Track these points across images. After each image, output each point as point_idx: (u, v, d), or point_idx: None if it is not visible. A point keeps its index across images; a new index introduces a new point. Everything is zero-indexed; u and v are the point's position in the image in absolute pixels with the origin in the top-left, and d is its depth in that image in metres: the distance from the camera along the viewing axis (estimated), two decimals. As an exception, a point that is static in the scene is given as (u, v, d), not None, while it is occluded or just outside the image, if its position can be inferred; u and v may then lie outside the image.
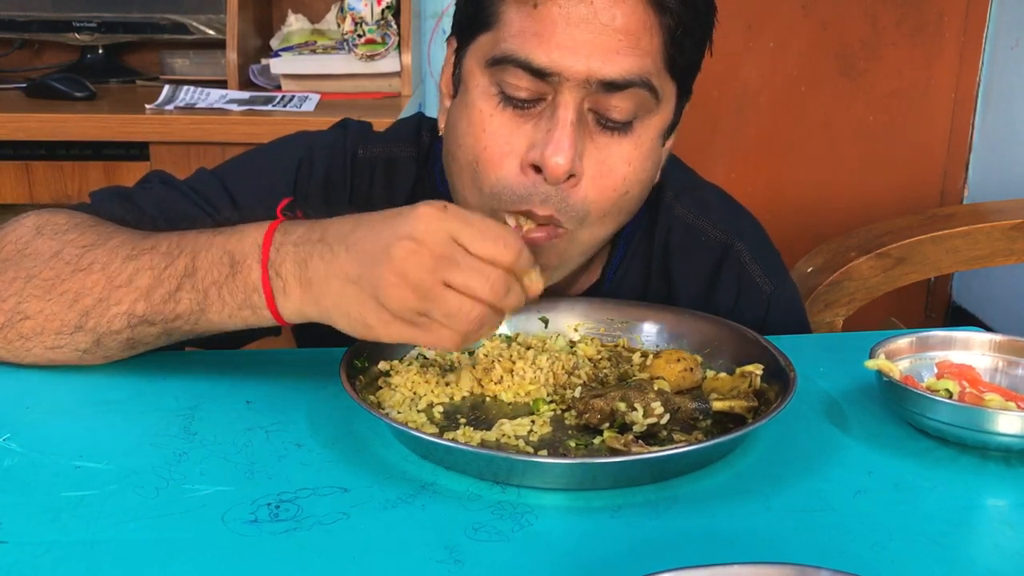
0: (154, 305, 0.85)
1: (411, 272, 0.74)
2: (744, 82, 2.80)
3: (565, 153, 0.87)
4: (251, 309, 0.83)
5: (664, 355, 0.91)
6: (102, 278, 0.86)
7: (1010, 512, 0.74)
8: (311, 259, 0.80)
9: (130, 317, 0.86)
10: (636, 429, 0.81)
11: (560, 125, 0.87)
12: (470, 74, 0.93)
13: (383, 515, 0.70)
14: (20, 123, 2.02)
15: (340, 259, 0.79)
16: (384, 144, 1.09)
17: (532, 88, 0.89)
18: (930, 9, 2.79)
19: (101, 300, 0.86)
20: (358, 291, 0.77)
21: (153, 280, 0.85)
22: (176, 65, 2.46)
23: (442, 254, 0.74)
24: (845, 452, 0.82)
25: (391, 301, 0.75)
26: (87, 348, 0.88)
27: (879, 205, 2.86)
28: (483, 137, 0.91)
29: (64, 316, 0.87)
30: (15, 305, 0.88)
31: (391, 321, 0.77)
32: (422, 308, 0.75)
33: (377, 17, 2.21)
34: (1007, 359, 0.91)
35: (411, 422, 0.82)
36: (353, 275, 0.77)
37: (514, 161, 0.90)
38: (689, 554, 0.67)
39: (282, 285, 0.81)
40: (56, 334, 0.88)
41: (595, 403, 0.81)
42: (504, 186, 0.91)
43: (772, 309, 1.10)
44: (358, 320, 0.78)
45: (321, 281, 0.79)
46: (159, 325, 0.86)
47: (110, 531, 0.68)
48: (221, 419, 0.84)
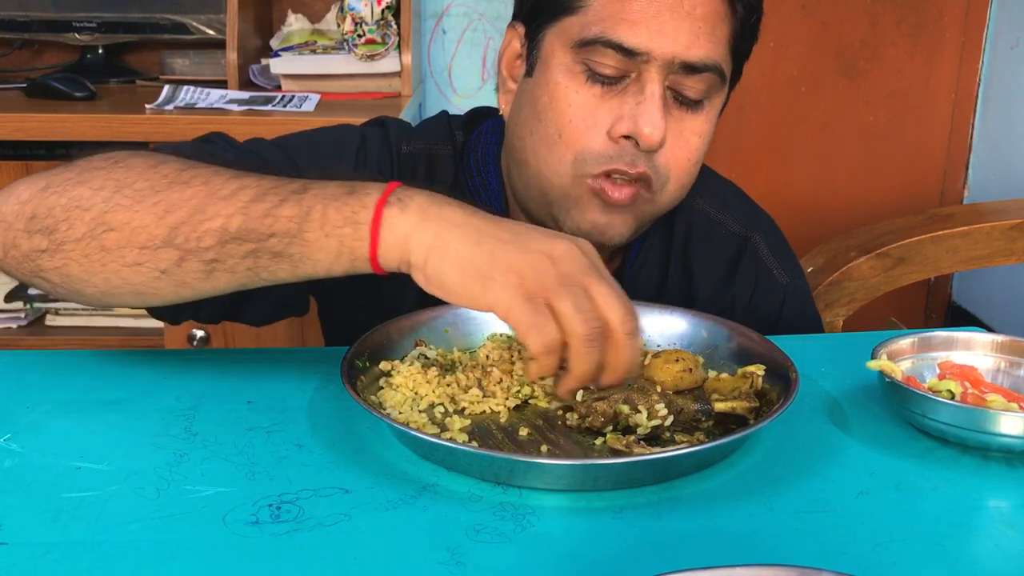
0: (252, 219, 0.79)
1: (565, 263, 0.76)
2: (744, 82, 2.79)
3: (659, 124, 0.94)
4: (352, 226, 0.78)
5: (663, 355, 0.91)
6: (202, 190, 0.81)
7: (1012, 513, 0.74)
8: (449, 205, 0.79)
9: (222, 233, 0.79)
10: (640, 431, 0.81)
11: (651, 99, 0.95)
12: (551, 54, 0.98)
13: (384, 516, 0.70)
14: (20, 123, 2.02)
15: (488, 220, 0.78)
16: (424, 141, 1.12)
17: (619, 66, 0.95)
18: (930, 9, 2.79)
19: (196, 212, 0.80)
20: (501, 248, 0.76)
21: (257, 195, 0.80)
22: (176, 65, 2.46)
23: (595, 267, 0.77)
24: (847, 453, 0.81)
25: (532, 270, 0.75)
26: (167, 268, 0.81)
27: (879, 205, 2.86)
28: (568, 111, 0.96)
29: (153, 228, 0.80)
30: (100, 215, 0.81)
31: (515, 285, 0.74)
32: (555, 292, 0.74)
33: (377, 17, 2.21)
34: (1009, 360, 0.91)
35: (412, 423, 0.82)
36: (503, 236, 0.76)
37: (601, 132, 0.96)
38: (691, 555, 0.67)
39: (400, 209, 0.78)
40: (141, 248, 0.81)
41: (597, 406, 0.81)
42: (592, 151, 0.96)
43: (787, 302, 1.14)
44: (480, 268, 0.75)
45: (454, 221, 0.77)
46: (251, 243, 0.79)
47: (111, 532, 0.68)
48: (222, 419, 0.84)
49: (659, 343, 0.98)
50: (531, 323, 0.74)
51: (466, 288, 0.76)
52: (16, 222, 0.83)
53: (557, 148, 0.97)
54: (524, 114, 1.01)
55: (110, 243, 0.81)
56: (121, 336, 2.21)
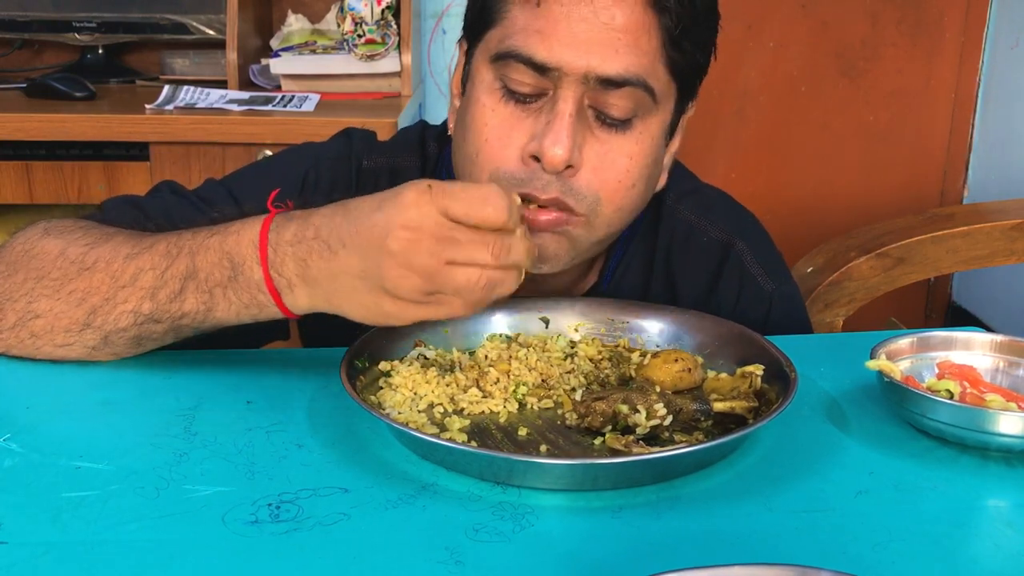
0: (160, 304, 0.87)
1: (414, 260, 0.76)
2: (744, 82, 2.80)
3: (563, 143, 0.89)
4: (259, 307, 0.85)
5: (662, 355, 0.91)
6: (106, 277, 0.88)
7: (1011, 512, 0.74)
8: (310, 258, 0.81)
9: (136, 315, 0.88)
10: (639, 431, 0.81)
11: (559, 117, 0.90)
12: (476, 70, 0.96)
13: (384, 516, 0.70)
14: (20, 123, 2.02)
15: (340, 256, 0.80)
16: (388, 154, 1.11)
17: (534, 83, 0.91)
18: (930, 9, 2.79)
19: (107, 299, 0.88)
20: (367, 284, 0.79)
21: (156, 280, 0.87)
22: (176, 65, 2.46)
23: (440, 235, 0.76)
24: (846, 453, 0.82)
25: (401, 290, 0.78)
26: (95, 345, 0.90)
27: (879, 205, 2.86)
28: (484, 130, 0.94)
29: (72, 314, 0.89)
30: (26, 305, 0.90)
31: (407, 306, 0.79)
32: (432, 289, 0.78)
33: (377, 17, 2.21)
34: (1008, 359, 0.91)
35: (411, 422, 0.82)
36: (357, 270, 0.79)
37: (514, 152, 0.93)
38: (690, 555, 0.67)
39: (286, 283, 0.83)
40: (65, 332, 0.90)
41: (596, 405, 0.81)
42: (504, 173, 0.93)
43: (773, 308, 1.11)
44: (374, 309, 0.80)
45: (326, 279, 0.81)
46: (165, 323, 0.88)
47: (110, 532, 0.68)
48: (222, 419, 0.84)
49: (658, 343, 0.98)
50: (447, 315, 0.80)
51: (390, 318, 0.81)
52: None
53: (475, 168, 0.95)
54: (457, 133, 1.00)
55: (38, 329, 0.90)
56: (121, 336, 2.20)
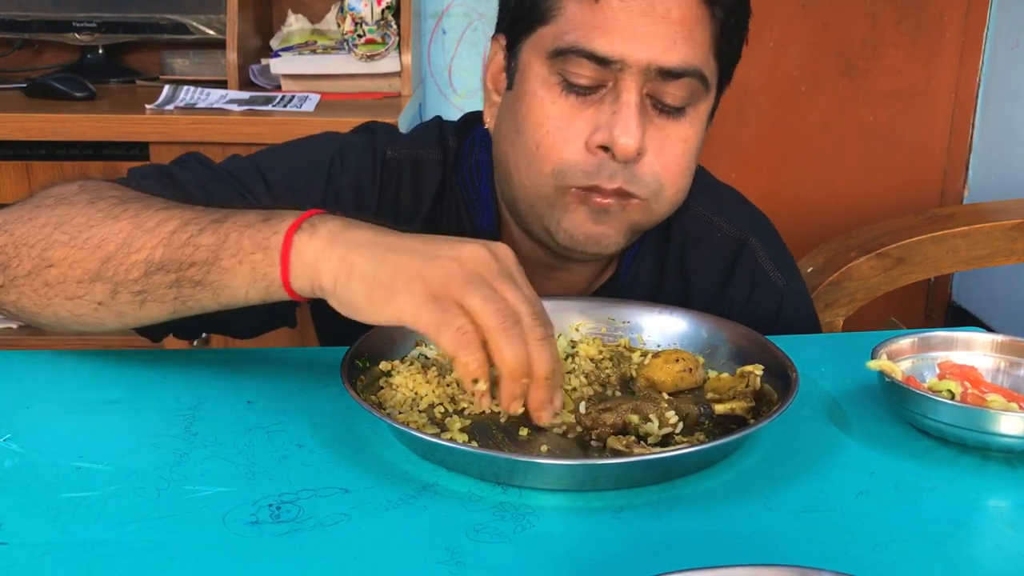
0: (173, 249, 0.82)
1: (472, 265, 0.74)
2: (744, 82, 2.80)
3: (633, 133, 0.92)
4: (263, 251, 0.79)
5: (663, 355, 0.91)
6: (130, 224, 0.83)
7: (1012, 513, 0.74)
8: (359, 227, 0.78)
9: (148, 264, 0.82)
10: (651, 440, 0.80)
11: (626, 107, 0.93)
12: (528, 65, 0.97)
13: (384, 516, 0.70)
14: (20, 123, 2.02)
15: (396, 235, 0.78)
16: (411, 146, 1.11)
17: (594, 75, 0.93)
18: (930, 9, 2.79)
19: (124, 245, 0.83)
20: (405, 259, 0.75)
21: (179, 225, 0.82)
22: (176, 65, 2.46)
23: (505, 272, 0.75)
24: (846, 453, 0.81)
25: (436, 274, 0.73)
26: (103, 300, 0.85)
27: (879, 205, 2.86)
28: (546, 122, 0.95)
29: (86, 263, 0.84)
30: (41, 251, 0.85)
31: (417, 291, 0.73)
32: (461, 291, 0.73)
33: (377, 17, 2.21)
34: (1009, 360, 0.91)
35: (412, 423, 0.82)
36: (407, 248, 0.76)
37: (578, 143, 0.95)
38: (691, 555, 0.67)
39: (310, 234, 0.78)
40: (77, 282, 0.85)
41: (605, 417, 0.80)
42: (570, 164, 0.95)
43: (785, 304, 1.13)
44: (383, 282, 0.74)
45: (360, 242, 0.77)
46: (173, 273, 0.82)
47: (110, 532, 0.68)
48: (222, 419, 0.84)
49: (659, 343, 0.98)
50: (438, 320, 0.72)
51: (371, 304, 0.75)
52: None
53: (536, 161, 0.96)
54: (506, 127, 1.01)
55: (51, 278, 0.85)
56: (121, 336, 2.19)
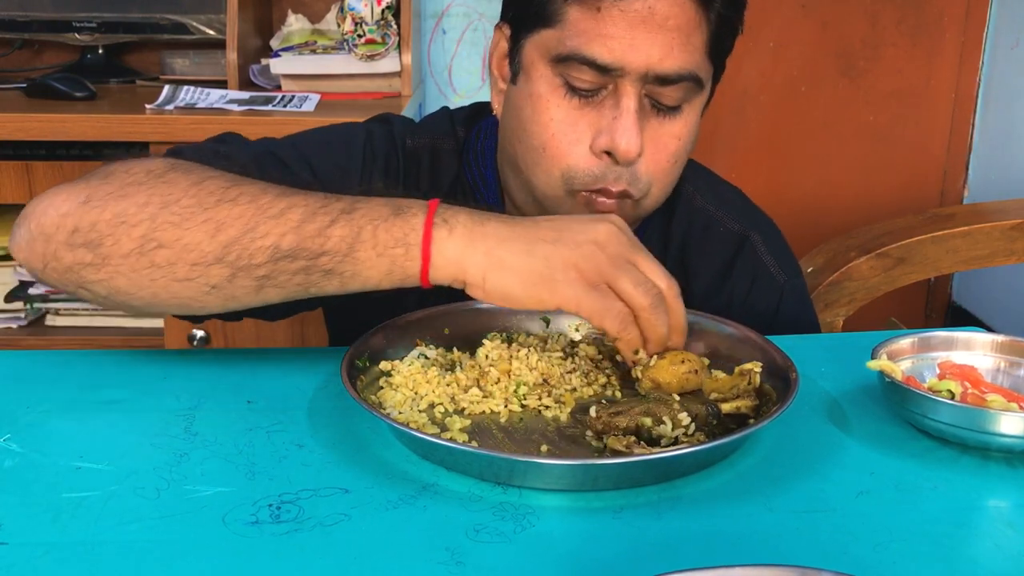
0: (304, 238, 0.82)
1: (611, 246, 0.83)
2: (744, 82, 2.80)
3: (634, 139, 0.96)
4: (404, 247, 0.82)
5: (668, 356, 0.90)
6: (251, 209, 0.83)
7: (1012, 513, 0.74)
8: (490, 220, 0.84)
9: (275, 251, 0.82)
10: (664, 442, 0.80)
11: (626, 113, 0.96)
12: (532, 65, 1.00)
13: (384, 516, 0.70)
14: (20, 123, 2.02)
15: (529, 225, 0.84)
16: (428, 135, 1.14)
17: (595, 80, 0.97)
18: (930, 9, 2.79)
19: (248, 230, 0.82)
20: (551, 249, 0.82)
21: (306, 214, 0.83)
22: (176, 65, 2.46)
23: (636, 243, 0.85)
24: (846, 453, 0.81)
25: (585, 261, 0.81)
26: (218, 284, 0.84)
27: (879, 205, 2.86)
28: (551, 125, 0.99)
29: (205, 246, 0.82)
30: (148, 231, 0.83)
31: (576, 280, 0.81)
32: (611, 274, 0.82)
33: (377, 17, 2.21)
34: (1009, 360, 0.91)
35: (412, 422, 0.82)
36: (548, 237, 0.82)
37: (583, 147, 0.99)
38: (691, 555, 0.67)
39: (448, 230, 0.83)
40: (192, 265, 0.83)
41: (618, 421, 0.80)
42: (578, 170, 0.99)
43: (784, 300, 1.14)
44: (541, 274, 0.81)
45: (500, 237, 0.83)
46: (301, 260, 0.82)
47: (110, 532, 0.68)
48: (222, 419, 0.84)
49: (659, 343, 0.97)
50: (602, 308, 0.81)
51: (531, 294, 0.82)
52: (56, 235, 0.84)
53: (543, 161, 1.00)
54: (512, 121, 1.04)
55: (160, 259, 0.83)
56: (121, 336, 2.21)
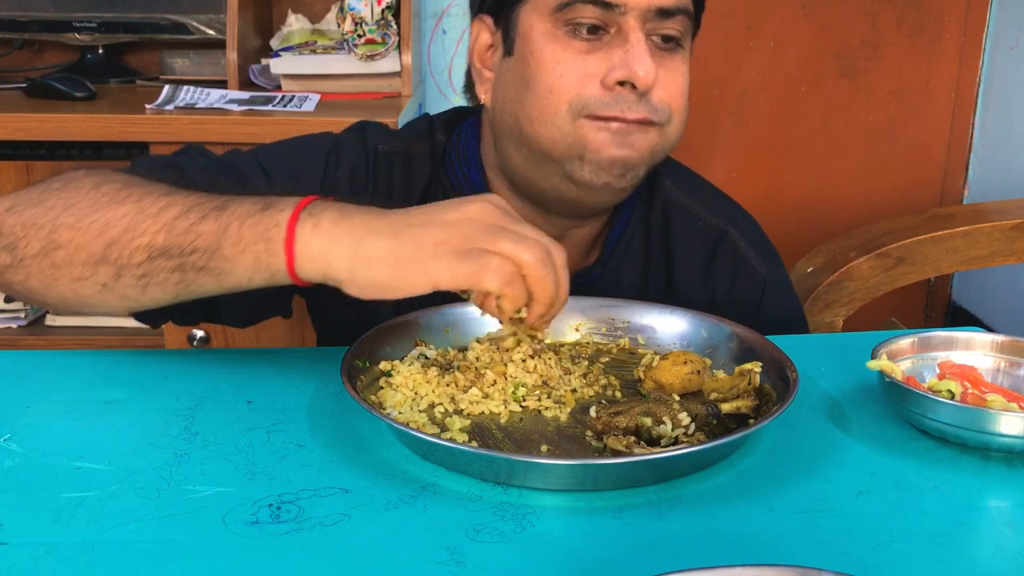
0: (175, 235, 0.84)
1: (486, 217, 0.80)
2: (744, 82, 2.80)
3: (650, 64, 0.98)
4: (265, 243, 0.82)
5: (671, 357, 0.90)
6: (133, 209, 0.86)
7: (1012, 513, 0.74)
8: (359, 212, 0.82)
9: (151, 249, 0.85)
10: (664, 443, 0.80)
11: (638, 44, 0.98)
12: (530, 27, 1.02)
13: (384, 516, 0.70)
14: (20, 123, 2.01)
15: (398, 213, 0.82)
16: (402, 140, 1.15)
17: (600, 17, 0.98)
18: (930, 9, 2.78)
19: (128, 229, 0.85)
20: (419, 231, 0.79)
21: (181, 212, 0.85)
22: (176, 65, 2.46)
23: (513, 216, 0.82)
24: (847, 453, 0.81)
25: (458, 236, 0.78)
26: (107, 282, 0.87)
27: (879, 205, 2.86)
28: (557, 67, 1.00)
29: (91, 247, 0.86)
30: (49, 233, 0.87)
31: (446, 252, 0.78)
32: (489, 241, 0.78)
33: (377, 17, 2.21)
34: (1009, 360, 0.91)
35: (412, 422, 0.82)
36: (417, 221, 0.80)
37: (595, 81, 0.99)
38: (691, 555, 0.67)
39: (312, 224, 0.81)
40: (83, 264, 0.87)
41: (618, 421, 0.80)
42: (590, 97, 0.99)
43: (767, 292, 1.15)
44: (407, 255, 0.78)
45: (367, 227, 0.80)
46: (175, 258, 0.84)
47: (111, 532, 0.68)
48: (222, 419, 0.84)
49: (659, 343, 0.98)
50: (478, 266, 0.77)
51: (402, 279, 0.78)
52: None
53: (550, 103, 1.00)
54: (511, 92, 1.04)
55: (59, 260, 0.87)
56: (121, 336, 2.20)
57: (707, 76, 2.71)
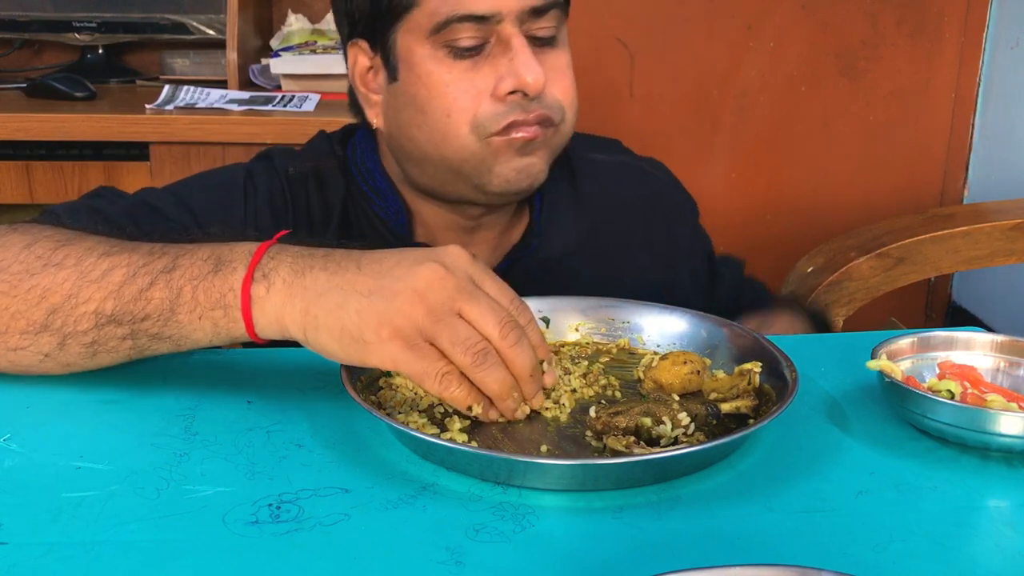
0: (124, 302, 0.81)
1: (432, 294, 0.76)
2: (744, 82, 2.79)
3: (536, 68, 0.99)
4: (223, 309, 0.80)
5: (671, 357, 0.90)
6: (74, 273, 0.83)
7: (1012, 513, 0.74)
8: (311, 270, 0.79)
9: (98, 316, 0.82)
10: (664, 443, 0.80)
11: (521, 50, 0.99)
12: (409, 51, 1.01)
13: (384, 516, 0.70)
14: (20, 123, 2.02)
15: (349, 273, 0.78)
16: (309, 160, 1.14)
17: (477, 34, 0.99)
18: (930, 9, 2.78)
19: (70, 297, 0.82)
20: (366, 304, 0.76)
21: (127, 276, 0.82)
22: (176, 65, 2.46)
23: (464, 286, 0.77)
24: (846, 453, 0.81)
25: (400, 317, 0.75)
26: (49, 351, 0.84)
27: (879, 205, 2.86)
28: (448, 91, 1.00)
29: (31, 314, 0.83)
30: None
31: (389, 339, 0.75)
32: (429, 331, 0.75)
33: (377, 17, 2.21)
34: (1009, 359, 0.91)
35: (412, 422, 0.82)
36: (364, 289, 0.77)
37: (486, 97, 1.00)
38: (690, 555, 0.67)
39: (266, 287, 0.79)
40: (21, 334, 0.84)
41: (617, 421, 0.80)
42: (485, 116, 1.00)
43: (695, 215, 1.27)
44: (352, 333, 0.76)
45: (317, 291, 0.78)
46: (126, 326, 0.82)
47: (110, 532, 0.68)
48: (222, 419, 0.84)
49: (658, 343, 0.98)
50: (420, 370, 0.76)
51: (348, 354, 0.78)
52: None
53: (451, 126, 1.00)
54: (405, 116, 1.04)
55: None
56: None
57: (707, 76, 2.71)
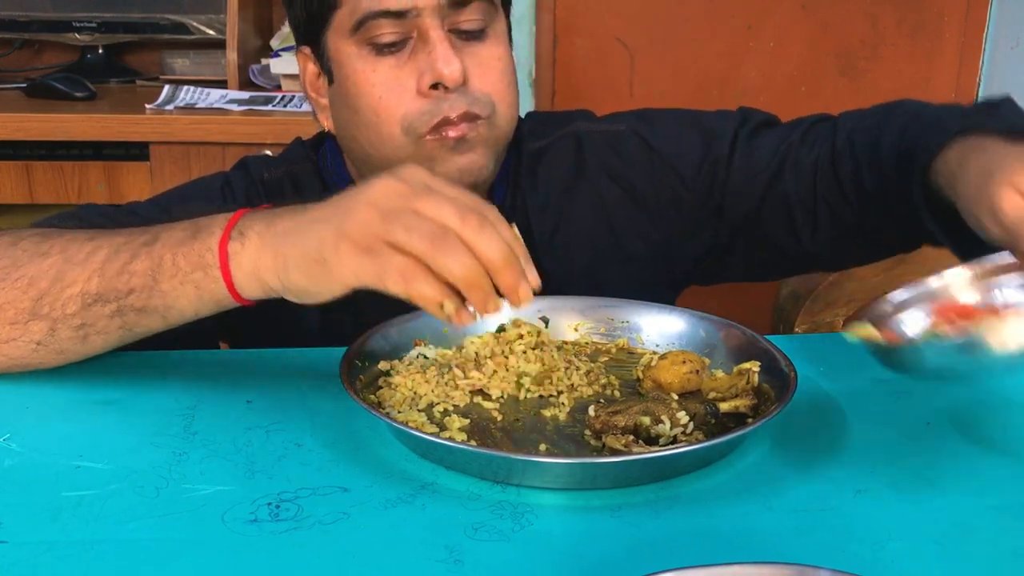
0: (108, 279, 0.82)
1: (385, 199, 0.73)
2: (744, 82, 2.80)
3: (454, 60, 0.98)
4: (203, 270, 0.79)
5: (670, 356, 0.90)
6: (59, 260, 0.84)
7: (1012, 513, 0.74)
8: (281, 218, 0.79)
9: (84, 297, 0.82)
10: (662, 442, 0.80)
11: (438, 43, 0.98)
12: (338, 52, 1.02)
13: (383, 515, 0.70)
14: (20, 123, 2.02)
15: (311, 209, 0.77)
16: (284, 165, 1.15)
17: (396, 30, 0.98)
18: (930, 9, 2.78)
19: (56, 281, 0.83)
20: (323, 226, 0.74)
21: (110, 254, 0.83)
22: (176, 65, 2.46)
23: (420, 190, 0.73)
24: (845, 452, 0.81)
25: (354, 225, 0.72)
26: (41, 339, 0.85)
27: (879, 205, 2.86)
28: (374, 89, 1.00)
29: (19, 303, 0.84)
30: None
31: (348, 254, 0.72)
32: (384, 231, 0.71)
33: (377, 17, 2.21)
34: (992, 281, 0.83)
35: (411, 422, 0.82)
36: (323, 216, 0.75)
37: (411, 93, 0.99)
38: (689, 554, 0.67)
39: (241, 243, 0.79)
40: (11, 324, 0.84)
41: (616, 420, 0.80)
42: (413, 114, 0.99)
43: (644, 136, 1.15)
44: (315, 258, 0.74)
45: (286, 232, 0.77)
46: (112, 303, 0.82)
47: (110, 531, 0.68)
48: (221, 419, 0.84)
49: (657, 343, 0.98)
50: (378, 270, 0.72)
51: (316, 284, 0.75)
52: None
53: (382, 125, 1.00)
54: (345, 116, 1.05)
55: None
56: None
57: (707, 76, 2.71)
